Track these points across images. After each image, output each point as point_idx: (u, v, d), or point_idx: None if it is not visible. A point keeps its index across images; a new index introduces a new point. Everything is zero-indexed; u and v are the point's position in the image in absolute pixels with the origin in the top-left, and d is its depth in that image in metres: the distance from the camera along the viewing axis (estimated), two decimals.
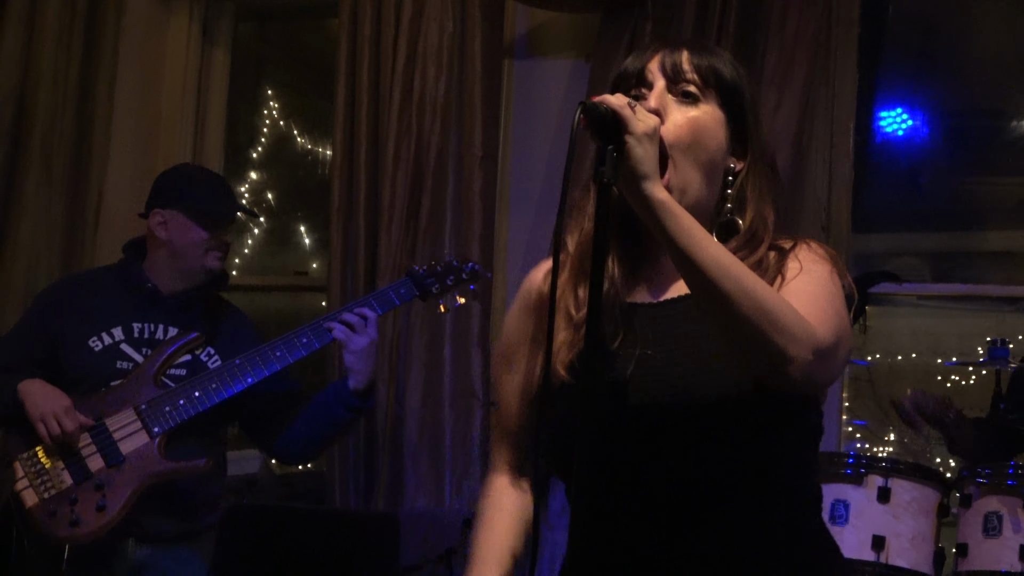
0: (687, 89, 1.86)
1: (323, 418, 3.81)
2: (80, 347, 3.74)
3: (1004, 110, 5.20)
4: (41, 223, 5.25)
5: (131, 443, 3.61)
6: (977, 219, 5.24)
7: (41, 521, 3.55)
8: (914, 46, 5.21)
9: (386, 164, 4.90)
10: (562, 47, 5.05)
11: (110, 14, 5.41)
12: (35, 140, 5.26)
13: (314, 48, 5.88)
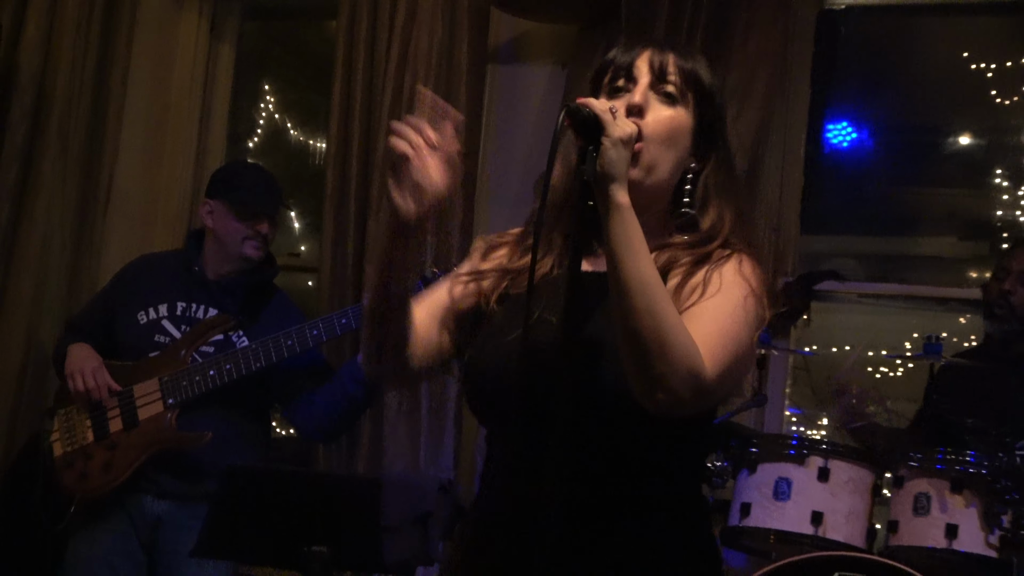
0: (668, 90, 1.92)
1: (339, 393, 3.92)
2: (130, 319, 3.92)
3: (939, 127, 5.29)
4: (56, 199, 5.34)
5: (148, 411, 3.76)
6: (912, 226, 5.34)
7: (60, 471, 3.72)
8: (861, 66, 5.31)
9: (377, 156, 5.01)
10: (541, 55, 5.18)
11: (126, 8, 5.53)
12: (53, 122, 5.36)
13: (313, 47, 6.01)
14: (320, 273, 5.15)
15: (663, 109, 1.90)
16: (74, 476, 3.71)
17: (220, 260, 3.99)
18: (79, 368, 3.70)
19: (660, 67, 1.93)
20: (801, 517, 3.58)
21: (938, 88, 5.30)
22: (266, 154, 6.02)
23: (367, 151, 5.08)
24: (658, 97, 1.91)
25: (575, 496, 1.81)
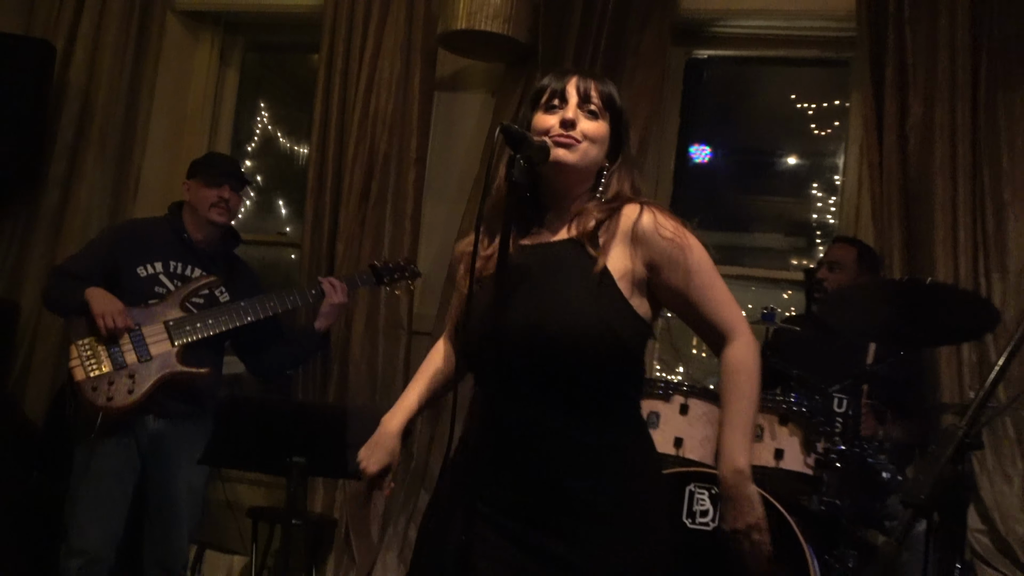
0: (592, 108, 1.96)
1: (294, 350, 4.04)
2: (131, 272, 3.79)
3: (771, 150, 5.31)
4: (96, 187, 5.24)
5: (158, 348, 3.67)
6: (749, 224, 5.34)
7: (85, 393, 3.58)
8: (716, 102, 5.33)
9: (347, 160, 4.95)
10: (476, 85, 5.12)
11: (153, 39, 5.41)
12: (94, 127, 5.24)
13: (299, 74, 5.89)
14: (302, 248, 5.09)
15: (588, 122, 1.95)
16: (100, 397, 3.57)
17: (195, 226, 3.90)
18: (108, 310, 3.58)
19: (585, 91, 1.97)
20: (667, 441, 3.55)
21: (771, 121, 5.33)
22: (261, 156, 5.91)
23: (340, 155, 5.00)
24: (584, 113, 1.95)
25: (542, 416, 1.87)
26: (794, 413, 3.50)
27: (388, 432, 2.21)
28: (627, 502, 1.88)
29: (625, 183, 2.01)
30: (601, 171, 2.01)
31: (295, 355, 4.09)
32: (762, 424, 3.52)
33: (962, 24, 4.34)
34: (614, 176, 2.01)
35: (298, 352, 4.07)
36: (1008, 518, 4.11)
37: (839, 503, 3.36)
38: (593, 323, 1.84)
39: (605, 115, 1.98)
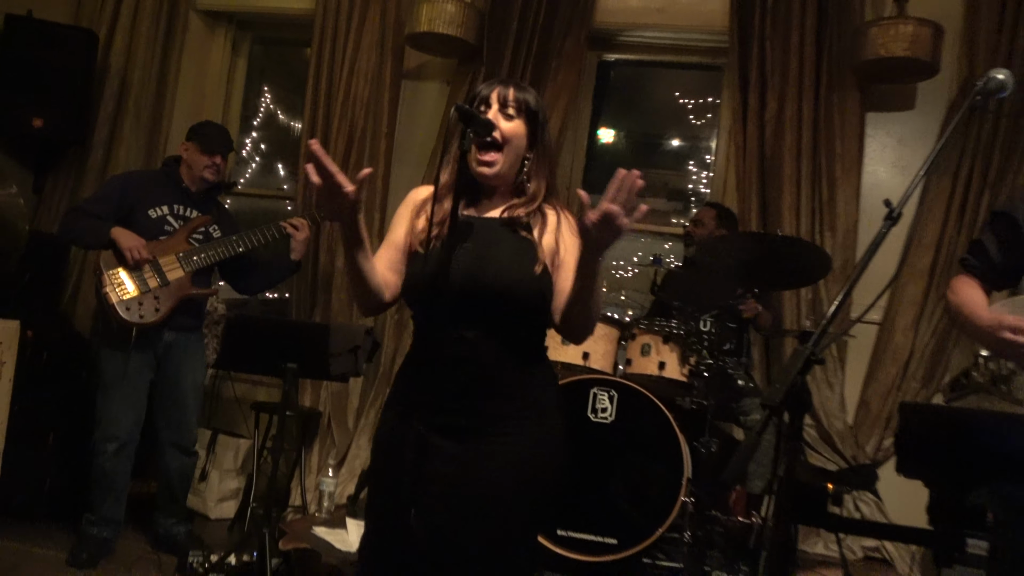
0: (509, 112, 1.89)
1: (271, 273, 3.96)
2: (144, 213, 3.69)
3: (660, 135, 5.30)
4: (132, 149, 5.09)
5: (173, 274, 3.61)
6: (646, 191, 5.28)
7: (119, 312, 3.50)
8: (620, 95, 5.27)
9: (332, 133, 4.85)
10: (434, 76, 5.03)
11: (179, 31, 5.25)
12: (130, 101, 5.08)
13: (295, 64, 5.74)
14: (295, 200, 5.00)
15: (505, 122, 1.90)
16: (133, 315, 3.52)
17: (191, 179, 3.80)
18: (133, 245, 3.52)
19: (503, 98, 1.91)
20: (576, 355, 3.53)
21: (661, 111, 5.29)
22: (264, 129, 5.73)
23: (326, 129, 4.90)
24: (503, 116, 1.90)
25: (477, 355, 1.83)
26: (673, 335, 3.51)
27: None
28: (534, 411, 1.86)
29: (542, 183, 1.95)
30: (524, 160, 1.94)
31: (271, 277, 4.00)
32: (648, 342, 3.54)
33: (808, 41, 4.36)
34: (532, 176, 1.94)
35: (274, 275, 3.98)
36: (830, 416, 4.19)
37: (705, 403, 3.39)
38: (520, 279, 1.82)
39: (521, 116, 1.91)
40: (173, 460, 3.77)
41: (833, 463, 4.12)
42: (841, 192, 4.30)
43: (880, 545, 4.06)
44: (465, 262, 1.80)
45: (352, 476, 4.45)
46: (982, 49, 4.18)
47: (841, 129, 4.33)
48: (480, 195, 1.97)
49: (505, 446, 1.80)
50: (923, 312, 4.15)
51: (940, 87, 4.34)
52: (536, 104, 1.93)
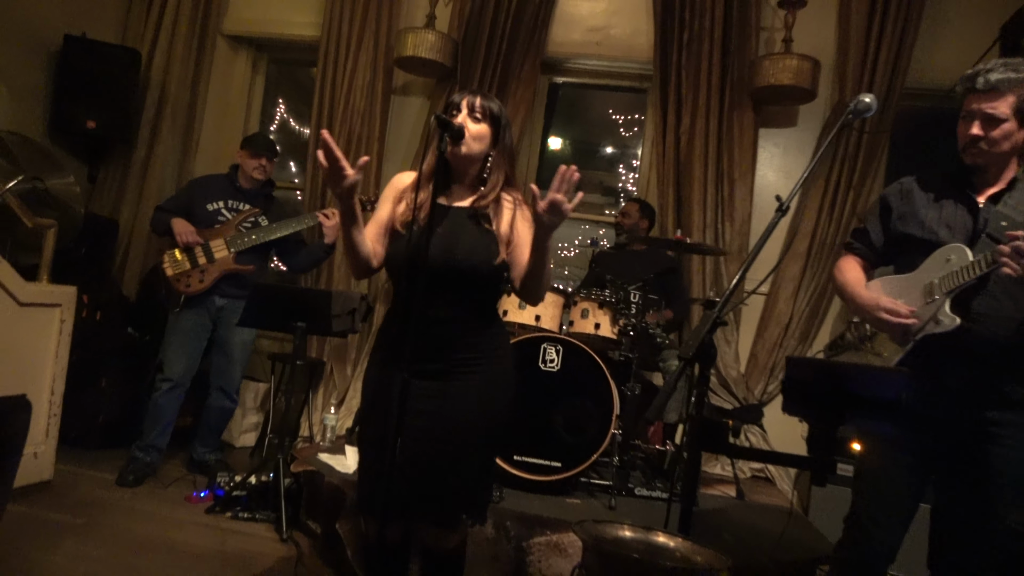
0: (476, 115, 1.86)
1: (313, 255, 3.86)
2: (202, 207, 3.69)
3: (598, 143, 5.23)
4: (169, 147, 4.92)
5: (220, 254, 3.61)
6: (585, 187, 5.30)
7: (173, 282, 3.57)
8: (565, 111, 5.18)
9: (334, 136, 4.56)
10: (417, 93, 4.90)
11: (208, 51, 5.05)
12: (168, 108, 4.90)
13: (303, 81, 5.54)
14: (303, 191, 4.87)
15: (472, 124, 1.86)
16: (182, 285, 3.57)
17: (244, 179, 3.79)
18: (183, 230, 3.58)
19: (470, 104, 1.88)
20: (530, 317, 3.46)
21: (598, 124, 5.23)
22: (278, 133, 5.56)
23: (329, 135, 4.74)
24: (471, 119, 1.87)
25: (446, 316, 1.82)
26: (607, 302, 3.49)
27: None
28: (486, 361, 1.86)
29: (501, 176, 1.92)
30: (487, 157, 1.90)
31: (314, 257, 3.90)
32: (587, 308, 3.50)
33: (715, 71, 4.35)
34: (494, 170, 1.91)
35: (315, 256, 3.89)
36: (727, 366, 4.22)
37: (631, 355, 3.38)
38: (482, 263, 1.82)
39: (486, 120, 1.88)
40: (216, 400, 3.74)
41: (729, 403, 4.17)
42: (738, 190, 4.31)
43: (764, 467, 4.13)
44: (438, 244, 1.78)
45: (350, 413, 4.41)
46: (850, 80, 4.20)
47: (739, 141, 4.33)
48: (451, 186, 1.93)
49: (468, 383, 1.82)
50: (801, 285, 4.19)
51: (817, 109, 4.36)
52: (499, 111, 1.91)
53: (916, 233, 2.02)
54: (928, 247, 1.97)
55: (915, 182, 2.11)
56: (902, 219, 2.07)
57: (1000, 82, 1.87)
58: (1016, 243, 1.71)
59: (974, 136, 1.91)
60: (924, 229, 2.01)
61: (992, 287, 1.89)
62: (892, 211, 2.11)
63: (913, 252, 2.01)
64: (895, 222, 2.09)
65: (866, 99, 1.90)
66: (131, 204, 4.85)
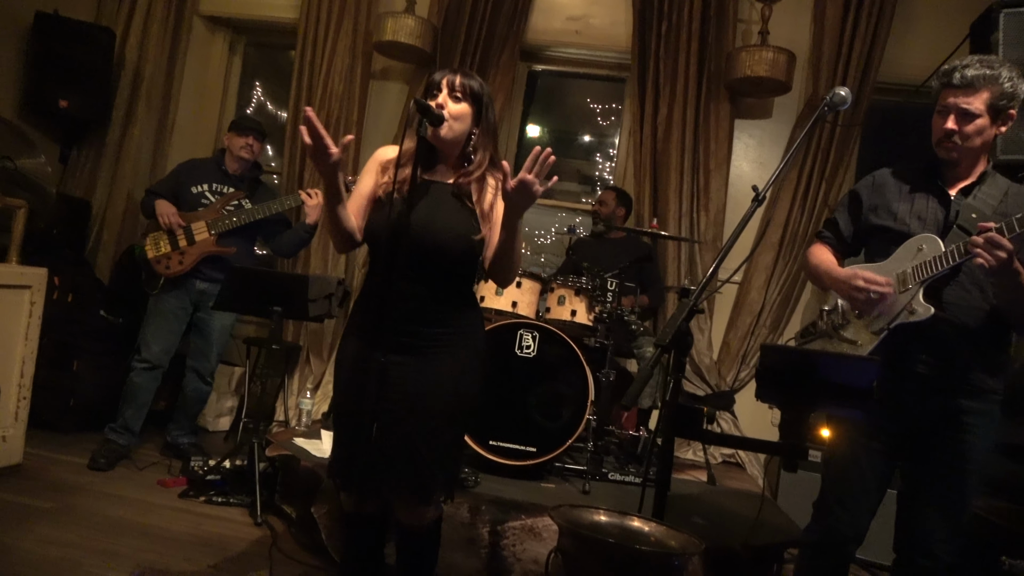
0: (457, 94, 1.83)
1: (295, 237, 3.75)
2: (187, 190, 3.62)
3: (575, 131, 5.20)
4: (145, 129, 4.80)
5: (201, 236, 3.54)
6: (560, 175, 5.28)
7: (153, 264, 3.52)
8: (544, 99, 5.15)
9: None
10: (396, 78, 4.83)
11: (184, 32, 4.94)
12: (143, 89, 4.77)
13: (282, 63, 5.43)
14: (282, 174, 4.80)
15: (453, 104, 1.84)
16: (162, 266, 3.50)
17: (231, 161, 3.70)
18: (166, 212, 3.51)
19: (451, 83, 1.85)
20: (507, 303, 3.43)
21: (576, 112, 5.21)
22: (256, 116, 5.41)
23: None
24: (451, 98, 1.84)
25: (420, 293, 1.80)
26: (583, 289, 3.48)
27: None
28: (458, 340, 1.84)
29: (486, 155, 1.89)
30: (470, 136, 1.87)
31: (297, 239, 3.77)
32: (563, 294, 3.49)
33: (692, 61, 4.32)
34: (479, 149, 1.88)
35: (298, 238, 3.76)
36: (700, 353, 4.24)
37: (606, 342, 3.38)
38: (459, 240, 1.80)
39: (467, 99, 1.84)
40: (192, 383, 3.67)
41: (701, 390, 4.19)
42: (714, 181, 4.32)
43: (735, 453, 4.16)
44: (418, 219, 1.76)
45: (326, 398, 4.36)
46: (824, 73, 4.22)
47: (715, 131, 4.34)
48: (435, 164, 1.90)
49: (439, 359, 1.81)
50: (773, 275, 4.22)
51: (791, 102, 4.37)
52: (480, 89, 1.87)
53: (889, 225, 2.03)
54: (900, 238, 1.99)
55: (887, 175, 2.12)
56: (874, 211, 2.08)
57: (976, 78, 1.88)
58: (988, 234, 1.72)
59: (949, 130, 1.92)
60: (896, 220, 2.02)
61: (962, 277, 1.92)
62: (863, 204, 2.12)
63: (886, 243, 2.03)
64: (867, 214, 2.10)
65: (842, 92, 1.91)
66: (105, 186, 4.74)
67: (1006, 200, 1.93)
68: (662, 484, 1.67)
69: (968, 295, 1.91)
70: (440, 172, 1.90)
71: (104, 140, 4.75)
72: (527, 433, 3.05)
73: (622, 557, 1.42)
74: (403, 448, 1.76)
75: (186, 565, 2.49)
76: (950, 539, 1.90)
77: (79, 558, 2.44)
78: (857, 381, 1.54)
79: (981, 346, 1.90)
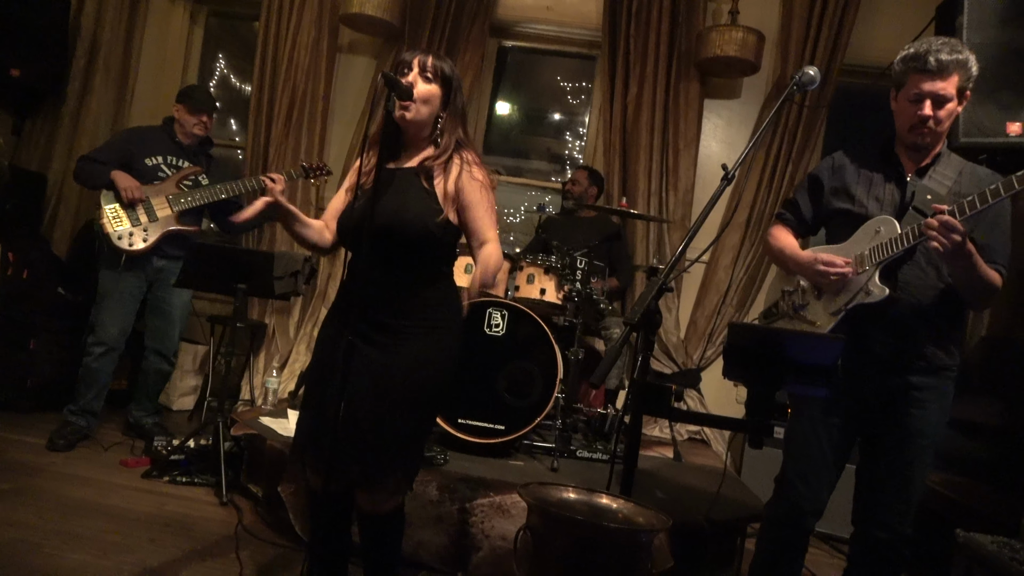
0: (427, 75, 1.81)
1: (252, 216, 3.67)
2: (141, 161, 3.47)
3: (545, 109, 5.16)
4: (103, 99, 4.67)
5: (162, 212, 3.41)
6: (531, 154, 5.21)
7: (113, 240, 3.35)
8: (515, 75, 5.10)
9: (277, 95, 4.55)
10: (364, 52, 4.75)
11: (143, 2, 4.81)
12: (100, 59, 4.64)
13: (246, 35, 5.30)
14: (245, 149, 4.68)
15: (423, 84, 1.81)
16: (124, 242, 3.35)
17: (183, 135, 3.59)
18: (129, 185, 3.35)
19: (421, 64, 1.83)
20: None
21: (546, 90, 5.15)
22: (219, 89, 5.30)
23: (272, 92, 4.59)
24: (421, 79, 1.82)
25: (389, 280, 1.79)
26: (552, 267, 3.47)
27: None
28: (425, 326, 1.80)
29: (452, 138, 1.86)
30: (438, 118, 1.85)
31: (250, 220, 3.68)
32: (533, 273, 3.48)
33: (663, 40, 4.33)
34: (446, 130, 1.85)
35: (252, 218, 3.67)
36: (667, 332, 4.28)
37: (575, 321, 3.39)
38: (416, 215, 1.77)
39: (437, 80, 1.82)
40: (154, 363, 3.59)
41: (668, 368, 4.24)
42: (683, 160, 4.34)
43: (701, 430, 4.23)
44: (385, 207, 1.74)
45: (292, 376, 4.32)
46: (792, 54, 4.25)
47: (685, 111, 4.35)
48: (401, 149, 1.88)
49: (405, 346, 1.79)
50: (739, 255, 4.27)
51: (759, 82, 4.40)
52: (450, 71, 1.85)
53: (848, 207, 2.06)
54: (859, 220, 2.02)
55: (845, 157, 2.15)
56: (835, 194, 2.11)
57: (949, 63, 1.91)
58: (942, 217, 1.75)
59: (925, 116, 1.94)
60: (855, 203, 2.05)
61: (918, 257, 1.96)
62: (823, 187, 2.15)
63: (846, 225, 2.06)
64: (828, 197, 2.13)
65: (810, 71, 1.91)
66: (61, 158, 4.60)
67: (960, 180, 1.97)
68: (630, 461, 1.68)
69: (924, 274, 1.95)
70: (405, 157, 1.88)
71: (60, 111, 4.60)
72: (496, 411, 3.05)
73: (590, 534, 1.43)
74: (359, 433, 1.75)
75: (150, 546, 2.46)
76: (905, 512, 1.96)
77: (38, 540, 2.39)
78: (821, 359, 1.57)
79: (936, 324, 1.94)
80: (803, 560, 2.11)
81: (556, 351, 3.13)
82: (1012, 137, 2.70)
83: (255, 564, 2.43)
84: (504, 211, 5.08)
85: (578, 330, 3.37)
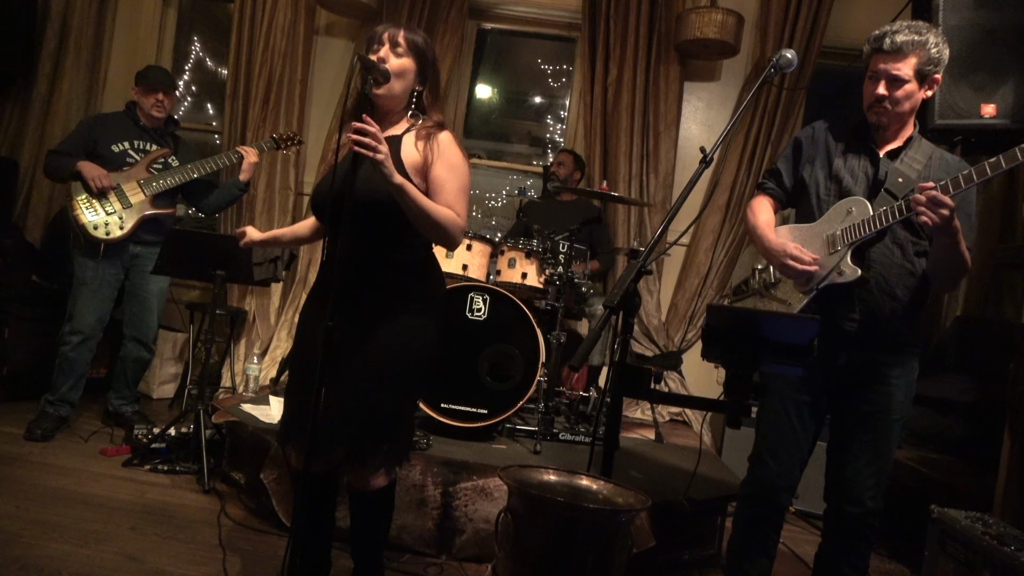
0: (398, 50, 1.79)
1: (226, 194, 3.63)
2: (107, 148, 3.40)
3: (527, 92, 5.16)
4: (75, 83, 4.60)
5: (135, 198, 3.36)
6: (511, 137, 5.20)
7: (88, 231, 3.29)
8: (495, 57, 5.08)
9: (254, 78, 4.48)
10: (341, 34, 4.70)
11: None
12: (71, 41, 4.56)
13: (220, 18, 5.21)
14: (222, 133, 4.62)
15: (395, 59, 1.80)
16: (101, 233, 3.29)
17: (145, 117, 3.53)
18: (96, 175, 3.28)
19: (392, 37, 1.81)
20: (457, 267, 3.40)
21: (527, 73, 5.17)
22: (194, 72, 5.23)
23: (248, 75, 4.52)
24: (393, 53, 1.80)
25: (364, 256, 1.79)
26: (534, 251, 3.48)
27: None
28: (403, 302, 1.81)
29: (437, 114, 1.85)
30: (413, 92, 1.83)
31: (228, 196, 3.66)
32: (514, 257, 3.48)
33: (643, 22, 4.32)
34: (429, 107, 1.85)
35: (229, 194, 3.65)
36: (649, 314, 4.31)
37: (557, 304, 3.40)
38: (379, 184, 1.70)
39: (409, 54, 1.80)
40: (133, 351, 3.56)
41: (650, 350, 4.27)
42: (663, 143, 4.35)
43: (682, 411, 4.27)
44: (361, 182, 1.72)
45: (274, 363, 4.30)
46: (771, 36, 4.26)
47: (665, 94, 4.35)
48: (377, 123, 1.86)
49: (387, 322, 1.79)
50: (719, 237, 4.30)
51: (738, 65, 4.41)
52: (424, 44, 1.83)
53: (820, 179, 2.09)
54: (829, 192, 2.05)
55: (825, 130, 2.17)
56: (811, 162, 2.13)
57: (904, 44, 1.93)
58: (930, 192, 1.78)
59: (879, 95, 1.97)
60: (831, 172, 2.08)
61: (885, 237, 1.98)
62: (803, 153, 2.17)
63: (815, 198, 2.08)
64: (804, 164, 2.15)
65: (788, 54, 1.92)
66: (33, 144, 4.52)
67: (930, 165, 2.00)
68: (611, 443, 1.70)
69: (890, 254, 1.98)
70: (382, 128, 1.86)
71: (30, 95, 4.52)
72: (478, 395, 3.06)
73: (569, 515, 1.45)
74: (342, 410, 1.75)
75: (131, 534, 2.45)
76: (875, 486, 2.00)
77: (17, 530, 2.37)
78: (797, 339, 1.59)
79: (903, 303, 1.98)
80: (778, 536, 2.15)
81: (538, 335, 3.14)
82: (986, 119, 2.73)
83: (237, 551, 2.43)
84: (485, 195, 5.07)
85: (560, 313, 3.38)
